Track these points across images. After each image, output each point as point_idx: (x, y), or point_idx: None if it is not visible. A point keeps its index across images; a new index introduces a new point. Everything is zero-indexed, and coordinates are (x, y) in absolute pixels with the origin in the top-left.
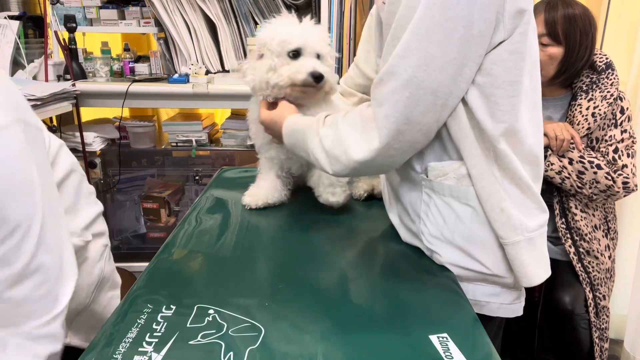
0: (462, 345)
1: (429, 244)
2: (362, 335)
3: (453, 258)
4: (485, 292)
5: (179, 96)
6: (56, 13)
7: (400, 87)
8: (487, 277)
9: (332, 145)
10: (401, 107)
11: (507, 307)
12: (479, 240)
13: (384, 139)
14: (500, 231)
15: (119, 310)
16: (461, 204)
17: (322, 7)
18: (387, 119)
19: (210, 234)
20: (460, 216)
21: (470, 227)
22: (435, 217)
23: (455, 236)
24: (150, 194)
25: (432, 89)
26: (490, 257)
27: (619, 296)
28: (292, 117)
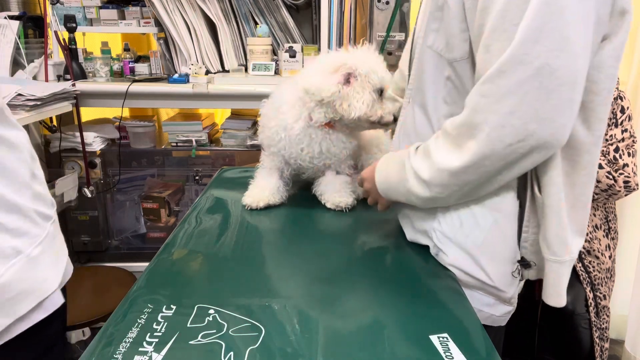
0: (462, 346)
1: (439, 242)
2: (363, 335)
3: (459, 262)
4: (480, 301)
5: (179, 96)
6: (56, 13)
7: (531, 77)
8: (486, 287)
9: (432, 173)
10: (530, 100)
11: (495, 318)
12: (492, 250)
13: (506, 139)
14: (556, 247)
15: (120, 310)
16: (484, 211)
17: (322, 7)
18: (512, 115)
19: (211, 234)
20: (480, 223)
21: (487, 236)
22: (452, 218)
23: (468, 241)
24: (150, 194)
25: (569, 79)
26: (496, 270)
27: (619, 296)
28: (382, 162)
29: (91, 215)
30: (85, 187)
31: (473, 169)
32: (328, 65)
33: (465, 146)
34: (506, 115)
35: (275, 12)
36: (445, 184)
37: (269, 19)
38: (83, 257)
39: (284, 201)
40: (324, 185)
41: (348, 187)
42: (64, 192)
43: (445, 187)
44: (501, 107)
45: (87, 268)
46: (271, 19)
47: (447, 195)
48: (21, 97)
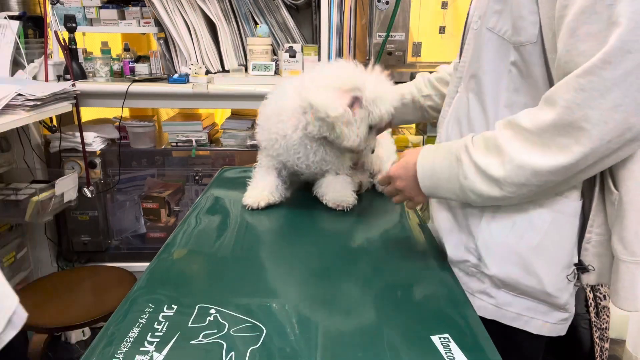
0: (463, 346)
1: (484, 248)
2: (363, 335)
3: (506, 270)
4: (530, 308)
5: (179, 96)
6: (56, 13)
7: (637, 66)
8: (538, 293)
9: (508, 172)
10: (634, 92)
11: (551, 326)
12: (547, 254)
13: (607, 135)
14: (636, 247)
15: (120, 310)
16: (542, 210)
17: (322, 7)
18: (616, 109)
19: (211, 233)
20: (535, 224)
21: (543, 238)
22: (504, 220)
23: (521, 243)
24: (150, 194)
25: None
26: (551, 275)
27: None
28: (424, 156)
29: (91, 215)
30: (85, 187)
31: (568, 170)
32: (339, 82)
33: (559, 146)
34: (609, 111)
35: (275, 12)
36: (523, 183)
37: (269, 19)
38: (83, 257)
39: (284, 199)
40: (324, 187)
41: (349, 187)
42: (64, 192)
43: (522, 186)
44: (605, 102)
45: (87, 268)
46: (271, 19)
47: (520, 195)
48: (21, 97)
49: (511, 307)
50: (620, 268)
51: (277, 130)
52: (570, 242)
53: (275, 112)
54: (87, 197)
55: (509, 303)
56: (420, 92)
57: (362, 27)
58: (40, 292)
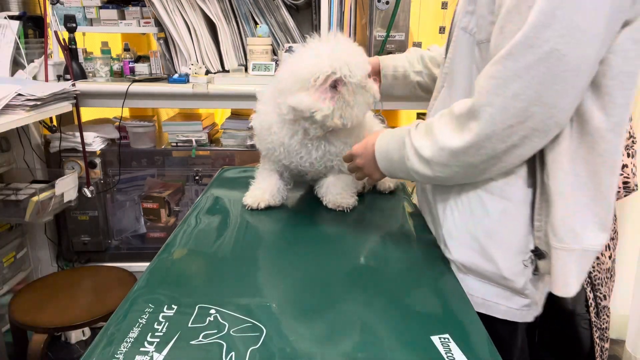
0: (463, 346)
1: (448, 235)
2: (363, 335)
3: (466, 255)
4: (494, 293)
5: (179, 96)
6: (56, 13)
7: (538, 60)
8: (496, 277)
9: (433, 152)
10: (536, 84)
11: (515, 312)
12: (500, 239)
13: (509, 120)
14: (563, 234)
15: (120, 310)
16: (495, 199)
17: (322, 7)
18: (517, 98)
19: (211, 233)
20: (489, 211)
21: (496, 224)
22: (464, 208)
23: (479, 229)
24: (150, 194)
25: (575, 65)
26: (506, 259)
27: (619, 296)
28: (381, 138)
29: (91, 215)
30: (85, 187)
31: (474, 149)
32: (308, 75)
33: (467, 127)
34: (510, 99)
35: (275, 12)
36: (445, 164)
37: (269, 19)
38: (83, 257)
39: (285, 202)
40: (325, 187)
41: (350, 189)
42: (64, 192)
43: (446, 166)
44: (507, 90)
45: (87, 268)
46: (271, 19)
47: (449, 176)
48: (21, 97)
49: (477, 293)
50: (553, 254)
51: (273, 140)
52: (523, 229)
53: (265, 126)
54: (87, 197)
55: (476, 289)
56: (412, 66)
57: (362, 27)
58: (40, 292)
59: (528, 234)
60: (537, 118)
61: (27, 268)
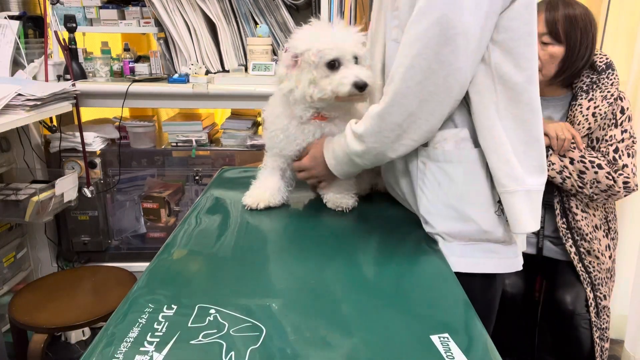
0: (463, 346)
1: (427, 212)
2: (363, 335)
3: (447, 224)
4: (483, 249)
5: (179, 96)
6: (56, 13)
7: (431, 24)
8: (479, 233)
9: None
10: (433, 44)
11: (505, 261)
12: (471, 197)
13: (416, 76)
14: (503, 180)
15: (120, 310)
16: (454, 165)
17: (322, 7)
18: (419, 56)
19: (211, 233)
20: (453, 177)
21: (463, 186)
22: (431, 183)
23: (450, 197)
24: (150, 194)
25: (462, 29)
26: (481, 215)
27: (619, 296)
28: (327, 145)
29: (91, 215)
30: (85, 187)
31: (395, 108)
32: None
33: (387, 91)
34: (414, 57)
35: (275, 12)
36: (376, 131)
37: (269, 19)
38: (83, 257)
39: (286, 202)
40: (326, 186)
41: (350, 189)
42: (64, 192)
43: (377, 134)
44: (411, 50)
45: (87, 268)
46: (271, 19)
47: (382, 144)
48: (21, 97)
49: (465, 254)
50: (502, 199)
51: (276, 125)
52: (485, 184)
53: (272, 113)
54: (87, 197)
55: (464, 251)
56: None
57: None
58: (40, 292)
59: (492, 188)
60: (439, 74)
61: (27, 268)
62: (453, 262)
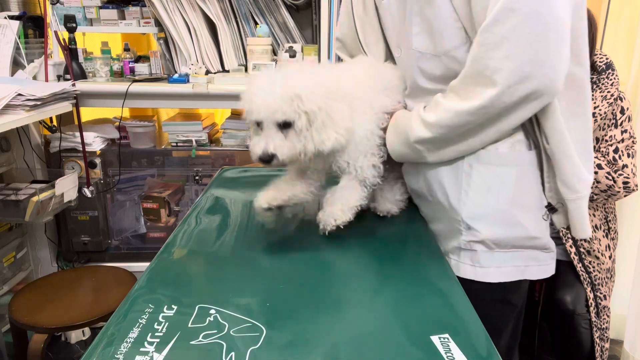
0: (463, 346)
1: (470, 216)
2: (363, 335)
3: (494, 230)
4: (524, 257)
5: (179, 96)
6: (56, 13)
7: (521, 22)
8: (525, 240)
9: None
10: (524, 44)
11: (545, 268)
12: (523, 202)
13: (506, 81)
14: (577, 185)
15: (120, 310)
16: (507, 168)
17: (322, 7)
18: (509, 59)
19: (211, 233)
20: (505, 181)
21: (515, 190)
22: (479, 186)
23: (500, 201)
24: (150, 194)
25: (554, 25)
26: (531, 219)
27: (618, 296)
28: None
29: (91, 215)
30: (85, 187)
31: (482, 110)
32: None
33: (474, 92)
34: (503, 60)
35: (275, 12)
36: (448, 125)
37: (269, 19)
38: (83, 257)
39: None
40: (326, 197)
41: (350, 203)
42: (64, 192)
43: (447, 127)
44: (498, 53)
45: (87, 268)
46: (271, 19)
47: (446, 137)
48: (21, 97)
49: (506, 263)
50: (570, 206)
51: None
52: (536, 188)
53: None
54: (87, 197)
55: (504, 260)
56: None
57: None
58: (40, 292)
59: (541, 192)
60: (533, 78)
61: (27, 268)
62: (491, 273)
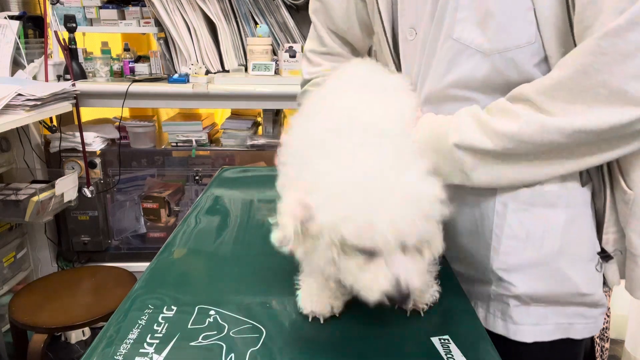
0: (463, 348)
1: (502, 267)
2: (363, 336)
3: (534, 284)
4: (568, 314)
5: (179, 96)
6: (56, 13)
7: None
8: (573, 297)
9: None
10: None
11: (592, 325)
12: (572, 252)
13: (626, 106)
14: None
15: (120, 311)
16: (556, 211)
17: None
18: (637, 78)
19: (211, 233)
20: (552, 226)
21: (563, 238)
22: (515, 232)
23: (543, 251)
24: (150, 194)
25: None
26: (582, 273)
27: (619, 297)
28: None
29: (91, 215)
30: (85, 187)
31: (583, 135)
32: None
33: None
34: (631, 79)
35: (275, 12)
36: (527, 141)
37: (269, 19)
38: (83, 257)
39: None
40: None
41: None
42: (64, 192)
43: (525, 143)
44: (626, 68)
45: (87, 268)
46: (271, 19)
47: (513, 153)
48: (21, 97)
49: (548, 320)
50: (633, 264)
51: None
52: (590, 234)
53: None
54: (87, 197)
55: (545, 316)
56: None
57: None
58: (40, 292)
59: (595, 238)
60: None
61: (27, 268)
62: (524, 331)
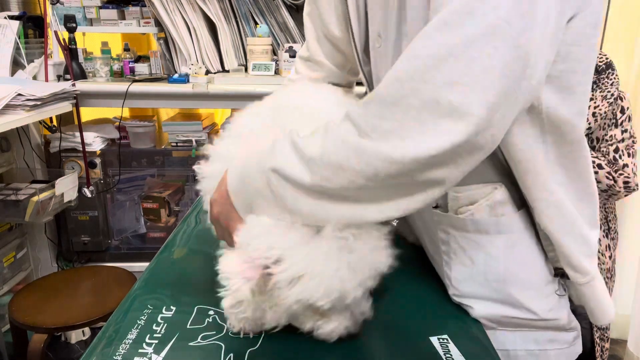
0: (462, 347)
1: (457, 294)
2: (363, 336)
3: (489, 310)
4: (539, 340)
5: (179, 96)
6: (56, 13)
7: (481, 35)
8: (537, 322)
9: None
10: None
11: (567, 350)
12: (520, 278)
13: (440, 118)
14: (584, 263)
15: (120, 311)
16: (489, 237)
17: None
18: (451, 87)
19: (211, 233)
20: (491, 252)
21: (506, 264)
22: (461, 258)
23: (489, 278)
24: (150, 194)
25: (525, 48)
26: (536, 299)
27: (621, 297)
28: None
29: (91, 215)
30: (85, 187)
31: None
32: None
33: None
34: (443, 87)
35: (275, 12)
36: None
37: (269, 19)
38: (83, 257)
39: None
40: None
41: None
42: (64, 192)
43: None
44: (438, 75)
45: (87, 268)
46: (271, 19)
47: (340, 185)
48: (21, 97)
49: (518, 346)
50: (584, 291)
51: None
52: (534, 258)
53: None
54: (87, 197)
55: (514, 341)
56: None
57: None
58: (40, 292)
59: (543, 261)
60: (474, 117)
61: (27, 268)
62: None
